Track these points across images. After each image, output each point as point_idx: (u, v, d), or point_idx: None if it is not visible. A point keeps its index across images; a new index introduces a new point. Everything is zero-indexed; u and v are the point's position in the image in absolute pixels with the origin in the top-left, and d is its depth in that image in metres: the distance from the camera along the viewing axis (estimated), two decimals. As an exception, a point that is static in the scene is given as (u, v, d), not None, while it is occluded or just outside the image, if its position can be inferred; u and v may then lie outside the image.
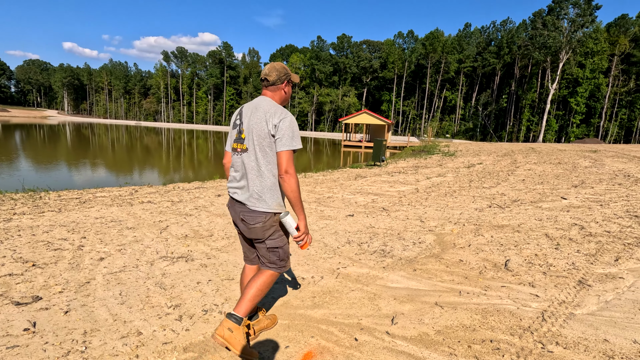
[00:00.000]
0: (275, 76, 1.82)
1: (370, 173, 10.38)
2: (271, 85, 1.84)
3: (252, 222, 1.76)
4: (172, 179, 11.98)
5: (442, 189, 7.18)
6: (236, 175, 1.82)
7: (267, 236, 1.79)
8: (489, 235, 3.95)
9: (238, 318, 1.73)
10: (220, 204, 5.43)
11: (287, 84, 1.89)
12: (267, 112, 1.73)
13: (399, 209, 5.28)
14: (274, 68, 1.84)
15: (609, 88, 52.16)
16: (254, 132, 1.73)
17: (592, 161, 12.25)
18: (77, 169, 13.94)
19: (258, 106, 1.78)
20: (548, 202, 5.61)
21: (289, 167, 1.69)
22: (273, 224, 1.79)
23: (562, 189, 6.85)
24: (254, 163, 1.75)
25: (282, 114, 1.73)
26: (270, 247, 1.81)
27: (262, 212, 1.75)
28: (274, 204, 1.76)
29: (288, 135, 1.70)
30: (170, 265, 2.94)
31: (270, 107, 1.76)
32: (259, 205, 1.74)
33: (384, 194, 6.71)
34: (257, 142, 1.72)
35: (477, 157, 15.76)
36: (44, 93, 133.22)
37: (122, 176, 12.56)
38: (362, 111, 33.44)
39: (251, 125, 1.75)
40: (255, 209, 1.75)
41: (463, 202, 5.82)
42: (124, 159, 18.13)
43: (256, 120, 1.73)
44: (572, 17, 46.23)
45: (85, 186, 8.24)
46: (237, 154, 1.82)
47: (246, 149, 1.77)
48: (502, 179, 8.56)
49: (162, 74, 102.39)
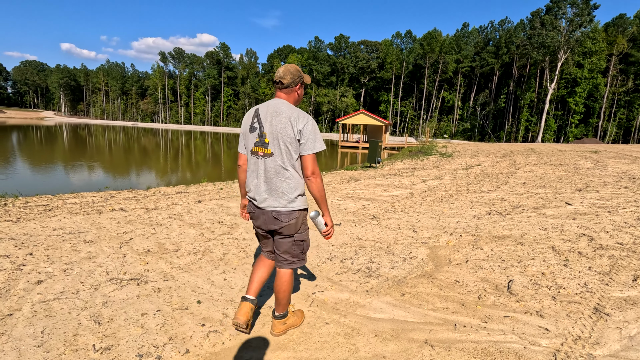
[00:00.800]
0: (290, 79, 1.86)
1: (365, 175, 9.97)
2: (286, 88, 1.88)
3: (286, 219, 1.85)
4: (160, 182, 11.55)
5: (438, 193, 6.77)
6: (260, 179, 1.86)
7: (297, 230, 1.91)
8: (489, 248, 3.54)
9: (284, 314, 2.04)
10: (197, 212, 5.01)
11: (301, 86, 1.94)
12: (290, 116, 1.78)
13: (391, 217, 4.87)
14: (289, 71, 1.87)
15: (607, 88, 51.93)
16: (279, 137, 1.78)
17: (594, 162, 11.87)
18: (65, 172, 13.49)
19: (278, 110, 1.80)
20: (552, 209, 5.21)
21: (314, 168, 1.82)
22: (303, 220, 1.94)
23: (565, 193, 6.45)
24: (280, 167, 1.80)
25: (305, 118, 1.81)
26: (297, 240, 1.93)
27: (295, 210, 1.86)
28: (302, 200, 1.89)
29: (312, 138, 1.80)
30: (117, 290, 2.52)
31: (292, 111, 1.81)
32: (290, 206, 1.84)
33: (377, 199, 6.30)
34: (284, 146, 1.78)
35: (475, 158, 15.37)
36: (40, 94, 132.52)
37: (110, 179, 12.11)
38: (359, 111, 33.04)
39: (275, 129, 1.78)
40: (287, 209, 1.84)
41: (460, 208, 5.42)
42: (115, 161, 17.68)
43: (280, 125, 1.78)
44: (570, 17, 45.98)
45: (66, 190, 7.81)
46: (259, 157, 1.85)
47: (271, 154, 1.81)
48: (501, 181, 8.16)
49: (160, 75, 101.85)
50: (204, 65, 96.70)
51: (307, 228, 1.98)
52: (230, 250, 3.43)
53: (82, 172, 13.64)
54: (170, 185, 8.35)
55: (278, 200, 1.83)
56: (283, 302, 2.00)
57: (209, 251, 3.37)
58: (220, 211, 5.09)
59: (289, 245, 1.93)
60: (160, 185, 9.34)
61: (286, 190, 1.82)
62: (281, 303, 2.00)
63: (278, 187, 1.82)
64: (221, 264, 3.07)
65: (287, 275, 1.97)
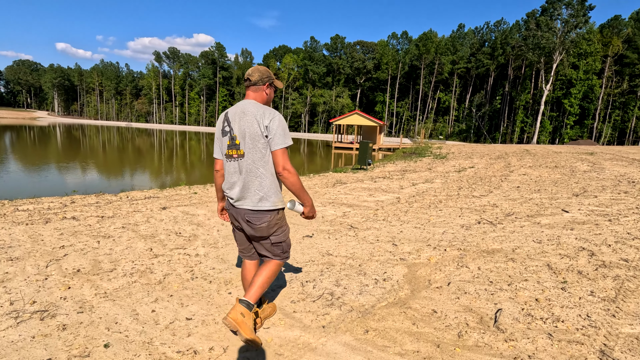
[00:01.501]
0: (258, 77, 1.88)
1: (353, 178, 9.51)
2: (253, 85, 1.89)
3: (258, 222, 1.84)
4: (138, 185, 11.02)
5: (426, 199, 6.32)
6: (234, 181, 1.87)
7: (271, 233, 1.90)
8: (476, 266, 3.08)
9: (249, 304, 1.84)
10: (157, 220, 4.53)
11: (269, 87, 1.95)
12: (256, 114, 1.78)
13: (371, 227, 4.40)
14: (257, 69, 1.90)
15: (603, 89, 51.91)
16: (247, 136, 1.78)
17: (590, 164, 11.50)
18: (44, 173, 12.91)
19: (245, 110, 1.81)
20: (547, 216, 4.77)
21: (285, 163, 1.78)
22: (277, 221, 1.90)
23: (562, 198, 6.02)
24: (252, 166, 1.80)
25: (271, 114, 1.79)
26: (275, 242, 1.94)
27: (267, 210, 1.84)
28: (276, 200, 1.85)
29: (279, 133, 1.77)
30: (12, 327, 2.03)
31: (258, 109, 1.80)
32: (262, 205, 1.82)
33: (360, 205, 5.84)
34: (253, 145, 1.78)
35: (469, 159, 14.97)
36: (34, 94, 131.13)
37: (87, 181, 11.57)
38: (354, 112, 32.62)
39: (243, 129, 1.79)
40: (259, 209, 1.82)
41: (448, 215, 4.97)
42: (100, 163, 17.10)
43: (248, 124, 1.78)
44: (566, 18, 45.89)
45: (32, 194, 7.29)
46: (232, 160, 1.86)
47: (243, 154, 1.81)
48: (494, 185, 7.73)
49: (154, 75, 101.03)
50: (199, 65, 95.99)
51: (284, 229, 1.97)
52: (175, 270, 2.95)
53: (61, 173, 13.08)
54: (144, 189, 7.85)
55: (250, 199, 1.83)
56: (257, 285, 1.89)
57: (149, 271, 2.89)
58: (183, 220, 4.61)
59: (268, 246, 1.95)
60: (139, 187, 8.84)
61: (258, 190, 1.81)
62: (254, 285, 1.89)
63: (251, 187, 1.82)
64: (157, 289, 2.59)
65: (273, 264, 1.97)
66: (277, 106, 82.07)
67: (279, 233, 1.93)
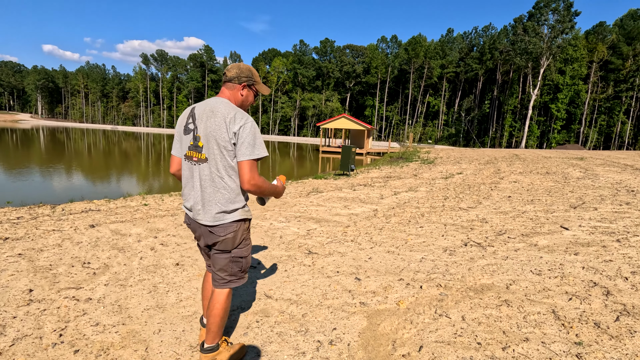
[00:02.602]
0: (235, 73, 1.67)
1: (332, 186, 8.74)
2: (228, 82, 1.69)
3: (222, 233, 1.64)
4: (96, 194, 10.05)
5: (407, 212, 5.57)
6: (192, 190, 1.65)
7: (235, 246, 1.69)
8: (459, 314, 2.31)
9: (214, 347, 1.70)
10: (72, 244, 3.66)
11: (246, 88, 1.71)
12: (226, 117, 1.55)
13: (335, 251, 3.62)
14: (237, 66, 1.70)
15: (588, 94, 52.44)
16: (213, 141, 1.56)
17: (582, 171, 10.94)
18: (3, 179, 11.83)
19: (215, 109, 1.58)
20: (545, 235, 4.05)
21: (252, 177, 1.58)
22: (244, 233, 1.71)
23: (558, 211, 5.33)
24: (215, 174, 1.58)
25: (243, 118, 1.57)
26: (235, 257, 1.70)
27: (231, 222, 1.64)
28: (241, 212, 1.66)
29: (249, 142, 1.56)
30: None
31: (229, 111, 1.57)
32: (226, 218, 1.63)
33: (330, 220, 5.05)
34: (218, 151, 1.56)
35: (458, 165, 14.35)
36: (17, 96, 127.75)
37: (43, 189, 10.56)
38: (341, 116, 31.99)
39: (209, 131, 1.57)
40: (222, 222, 1.62)
41: (430, 234, 4.21)
42: (71, 167, 15.99)
43: (215, 126, 1.56)
44: (552, 24, 46.24)
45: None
46: (192, 162, 1.64)
47: (205, 159, 1.59)
48: (483, 195, 7.03)
49: (142, 77, 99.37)
50: (187, 68, 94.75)
51: (248, 243, 1.76)
52: (40, 327, 2.11)
53: (17, 180, 12.00)
54: (93, 200, 6.93)
55: (212, 212, 1.60)
56: (214, 328, 1.68)
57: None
58: (106, 242, 3.75)
59: (225, 262, 1.69)
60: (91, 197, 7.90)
61: (221, 202, 1.60)
62: (211, 330, 1.68)
63: (212, 198, 1.60)
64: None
65: (223, 295, 1.70)
66: (267, 110, 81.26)
67: (243, 247, 1.70)
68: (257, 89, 1.75)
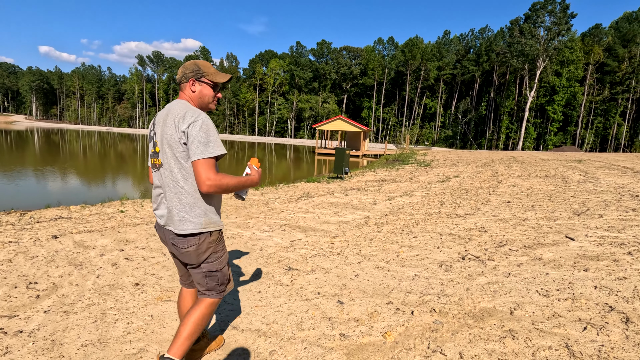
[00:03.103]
0: (181, 73, 1.57)
1: (323, 190, 8.38)
2: (179, 84, 1.60)
3: (184, 246, 1.51)
4: (79, 197, 9.63)
5: (401, 219, 5.22)
6: (157, 196, 1.58)
7: (202, 260, 1.55)
8: (456, 351, 1.95)
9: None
10: (25, 258, 3.28)
11: (197, 83, 1.56)
12: (175, 117, 1.46)
13: (318, 267, 3.25)
14: (182, 66, 1.59)
15: (585, 97, 52.51)
16: (165, 143, 1.48)
17: (582, 174, 10.65)
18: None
19: (169, 112, 1.50)
20: (549, 247, 3.71)
21: (207, 177, 1.40)
22: (209, 245, 1.55)
23: (561, 218, 5.00)
24: (170, 179, 1.49)
25: (192, 117, 1.44)
26: (207, 272, 1.58)
27: (191, 234, 1.50)
28: (204, 221, 1.50)
29: (200, 140, 1.41)
30: None
31: (180, 110, 1.47)
32: (185, 227, 1.48)
33: (317, 228, 4.69)
34: (171, 155, 1.46)
35: (455, 167, 14.04)
36: (11, 97, 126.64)
37: (20, 193, 10.12)
38: (337, 117, 31.67)
39: (163, 136, 1.49)
40: (182, 233, 1.49)
41: (424, 246, 3.86)
42: (58, 170, 15.53)
43: (167, 129, 1.47)
44: (549, 26, 46.26)
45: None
46: (155, 170, 1.57)
47: (161, 165, 1.52)
48: (481, 200, 6.69)
49: (137, 79, 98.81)
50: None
51: (220, 257, 1.59)
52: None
53: (4, 183, 11.55)
54: (69, 205, 6.53)
55: (172, 220, 1.50)
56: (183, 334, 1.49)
57: None
58: (64, 257, 3.37)
59: (199, 277, 1.58)
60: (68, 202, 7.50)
61: (178, 207, 1.48)
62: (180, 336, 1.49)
63: (171, 205, 1.50)
64: None
65: (204, 306, 1.57)
66: (263, 111, 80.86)
67: (213, 260, 1.57)
68: (210, 79, 1.58)
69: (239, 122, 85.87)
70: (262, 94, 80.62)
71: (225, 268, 1.65)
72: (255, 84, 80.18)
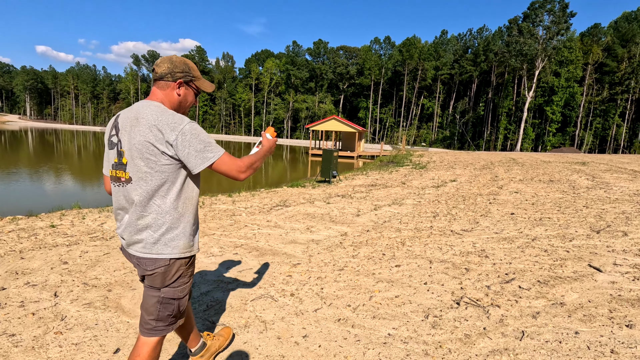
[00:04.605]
0: (167, 68, 1.31)
1: (304, 197, 7.49)
2: (159, 80, 1.32)
3: (150, 267, 1.30)
4: (37, 205, 8.69)
5: (384, 237, 4.33)
6: (121, 214, 1.34)
7: (166, 284, 1.34)
8: None
9: None
10: None
11: (184, 86, 1.36)
12: (154, 125, 1.21)
13: (257, 318, 2.35)
14: (169, 59, 1.33)
15: (584, 97, 51.86)
16: (137, 154, 1.23)
17: (589, 178, 9.80)
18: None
19: (140, 115, 1.24)
20: (571, 282, 2.82)
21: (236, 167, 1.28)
22: (180, 268, 1.35)
23: (578, 237, 4.11)
24: (143, 197, 1.25)
25: (177, 124, 1.22)
26: (166, 298, 1.35)
27: (162, 257, 1.30)
28: (180, 245, 1.32)
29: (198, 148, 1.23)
30: None
31: (157, 117, 1.22)
32: (155, 250, 1.29)
33: (279, 251, 3.79)
34: (146, 169, 1.23)
35: (451, 170, 13.18)
36: (5, 97, 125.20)
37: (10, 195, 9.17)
38: (331, 117, 30.80)
39: (134, 145, 1.23)
40: (151, 256, 1.29)
41: (408, 281, 2.96)
42: (35, 174, 14.57)
43: (140, 138, 1.22)
44: (547, 25, 45.56)
45: None
46: (119, 184, 1.31)
47: (130, 179, 1.27)
48: (480, 210, 5.81)
49: (132, 78, 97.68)
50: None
51: (185, 282, 1.38)
52: None
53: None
54: (5, 217, 5.60)
55: (141, 241, 1.29)
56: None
57: None
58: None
59: (153, 302, 1.34)
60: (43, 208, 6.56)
61: (151, 229, 1.28)
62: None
63: (141, 225, 1.28)
64: None
65: (148, 347, 1.33)
66: (259, 112, 79.90)
67: (177, 286, 1.35)
68: (198, 85, 1.39)
69: (234, 123, 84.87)
70: (258, 94, 79.68)
71: (185, 298, 1.42)
72: (251, 84, 79.22)
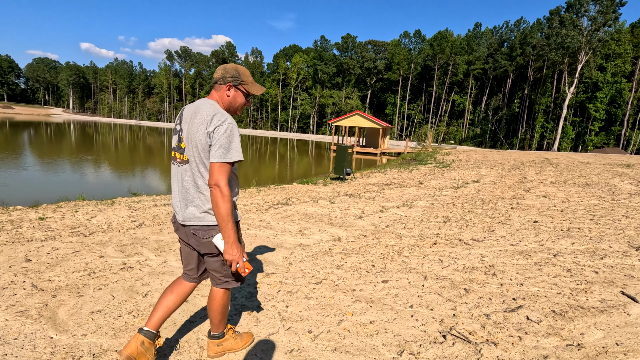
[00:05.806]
0: (220, 74, 1.61)
1: (309, 195, 7.11)
2: (215, 84, 1.63)
3: (205, 235, 1.56)
4: (46, 196, 8.88)
5: (381, 244, 3.87)
6: (178, 190, 1.61)
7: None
8: None
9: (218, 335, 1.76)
10: None
11: (233, 89, 1.61)
12: (205, 118, 1.51)
13: (197, 344, 2.00)
14: (223, 67, 1.62)
15: (632, 93, 47.75)
16: (193, 142, 1.52)
17: (634, 182, 8.75)
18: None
19: (198, 110, 1.55)
20: (595, 316, 2.27)
21: (218, 179, 1.47)
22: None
23: (612, 254, 3.47)
24: (197, 176, 1.55)
25: (219, 120, 1.49)
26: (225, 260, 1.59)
27: (212, 225, 1.56)
28: None
29: (223, 145, 1.47)
30: None
31: (210, 111, 1.51)
32: (208, 219, 1.55)
33: (255, 257, 3.44)
34: (198, 154, 1.52)
35: (476, 170, 12.32)
36: (51, 91, 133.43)
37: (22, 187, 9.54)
38: (354, 113, 30.12)
39: (191, 133, 1.54)
40: (203, 224, 1.55)
41: (391, 303, 2.51)
42: (60, 164, 15.18)
43: (195, 127, 1.52)
44: (593, 15, 42.19)
45: None
46: (177, 164, 1.61)
47: (187, 161, 1.56)
48: (499, 216, 5.19)
49: (165, 74, 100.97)
50: (210, 64, 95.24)
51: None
52: None
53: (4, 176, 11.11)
54: (7, 207, 5.63)
55: (194, 214, 1.56)
56: (215, 321, 1.73)
57: None
58: None
59: (217, 265, 1.63)
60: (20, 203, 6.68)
61: (203, 204, 1.55)
62: (213, 323, 1.74)
63: (194, 200, 1.56)
64: None
65: (219, 293, 1.67)
66: (286, 107, 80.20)
67: None
68: (247, 88, 1.63)
69: (261, 118, 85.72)
70: (285, 89, 79.87)
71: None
72: (279, 79, 79.50)
